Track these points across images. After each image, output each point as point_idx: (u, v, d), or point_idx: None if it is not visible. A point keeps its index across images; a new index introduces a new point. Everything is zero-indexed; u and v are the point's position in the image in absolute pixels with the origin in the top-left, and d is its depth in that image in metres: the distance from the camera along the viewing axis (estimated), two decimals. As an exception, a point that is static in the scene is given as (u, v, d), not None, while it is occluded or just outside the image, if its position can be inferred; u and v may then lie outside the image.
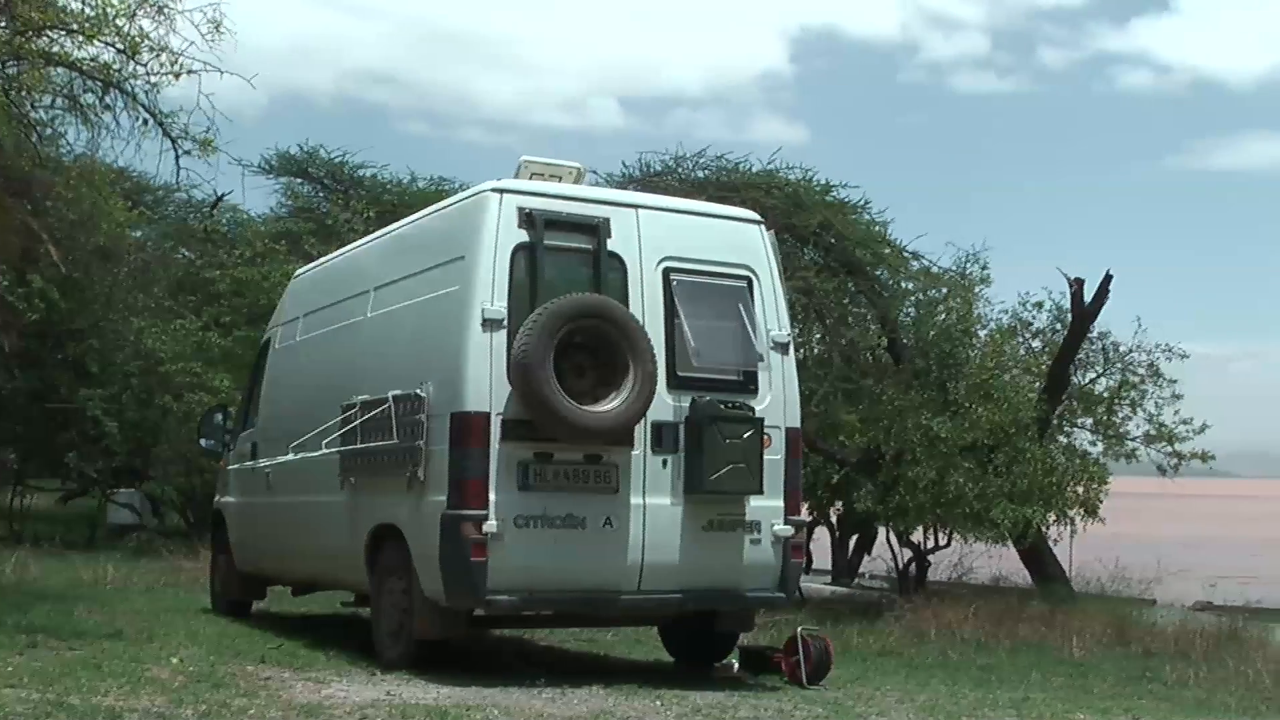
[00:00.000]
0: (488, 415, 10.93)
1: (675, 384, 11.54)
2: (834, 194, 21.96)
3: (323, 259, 16.43)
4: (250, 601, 16.12)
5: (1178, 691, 13.76)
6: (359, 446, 12.23)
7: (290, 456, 13.57)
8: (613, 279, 11.48)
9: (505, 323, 11.00)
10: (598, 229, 11.48)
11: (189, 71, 15.87)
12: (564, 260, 11.40)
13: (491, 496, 10.87)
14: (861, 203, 22.13)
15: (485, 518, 10.81)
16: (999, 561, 23.54)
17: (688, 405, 11.53)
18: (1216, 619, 20.19)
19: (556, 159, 12.34)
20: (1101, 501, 21.68)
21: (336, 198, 29.88)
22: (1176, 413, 23.89)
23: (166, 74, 15.95)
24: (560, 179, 12.12)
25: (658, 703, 10.32)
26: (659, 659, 13.35)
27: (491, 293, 11.04)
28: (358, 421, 12.20)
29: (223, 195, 27.63)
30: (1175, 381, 24.02)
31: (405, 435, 11.50)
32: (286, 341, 15.42)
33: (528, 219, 11.23)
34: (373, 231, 15.82)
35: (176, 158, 16.94)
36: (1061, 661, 15.54)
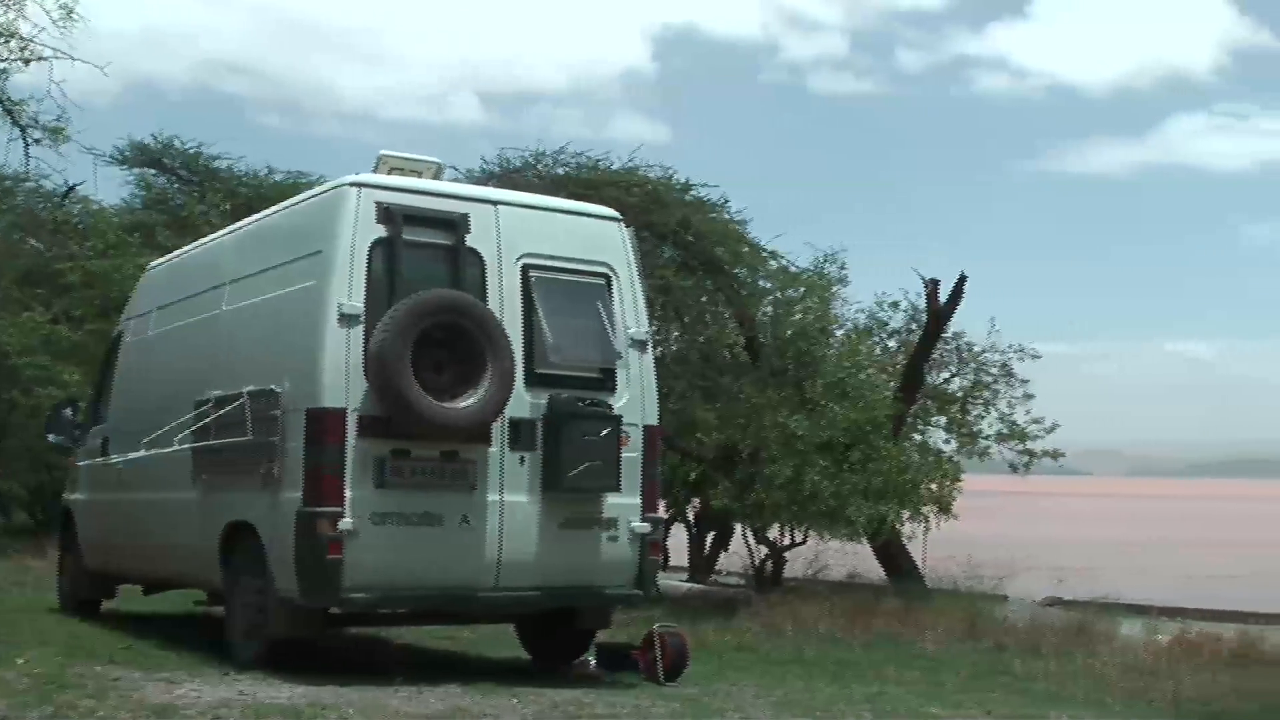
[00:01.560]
0: (344, 411, 10.83)
1: (533, 381, 11.52)
2: (694, 192, 22.02)
3: (177, 252, 16.19)
4: (100, 601, 15.84)
5: (1028, 684, 13.96)
6: (213, 443, 12.07)
7: (142, 452, 13.35)
8: (471, 275, 11.43)
9: (362, 318, 10.91)
10: (456, 225, 11.42)
11: (39, 58, 15.61)
12: (422, 256, 11.33)
13: (347, 493, 10.77)
14: (721, 201, 22.23)
15: (341, 515, 10.71)
16: (854, 558, 23.76)
17: (546, 402, 11.52)
18: (1065, 614, 20.52)
19: (416, 154, 12.28)
20: (955, 499, 21.97)
21: (191, 190, 29.42)
22: (1028, 412, 24.40)
23: (15, 60, 15.65)
24: (419, 174, 12.04)
25: (514, 700, 10.29)
26: (516, 657, 13.31)
27: (349, 288, 10.95)
28: (211, 417, 12.05)
29: (74, 185, 27.18)
30: (1027, 381, 24.54)
31: (260, 431, 11.37)
32: (139, 335, 15.17)
33: (386, 214, 11.14)
34: (229, 225, 15.61)
35: (26, 146, 16.66)
36: (915, 656, 15.70)
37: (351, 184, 11.29)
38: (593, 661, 12.74)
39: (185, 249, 15.88)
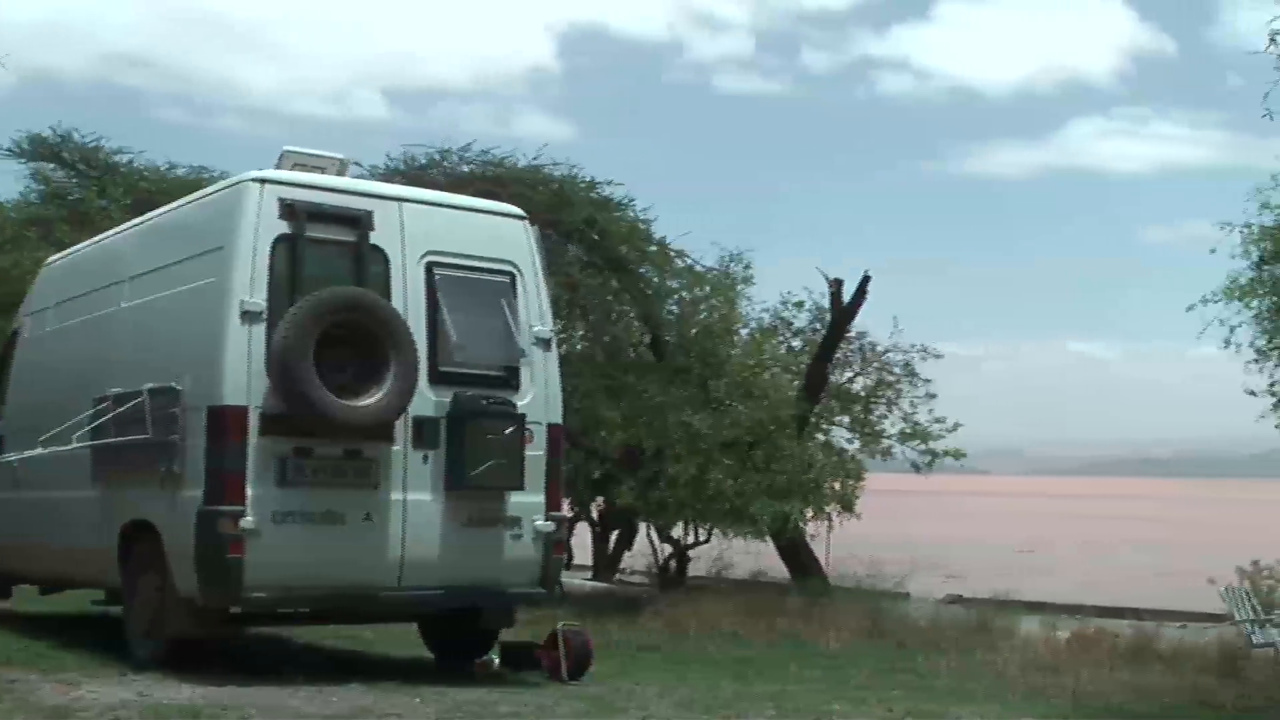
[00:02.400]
0: (246, 409, 10.74)
1: (437, 379, 11.48)
2: (599, 191, 21.98)
3: (76, 247, 15.94)
4: (-5, 601, 15.60)
5: (930, 681, 14.06)
6: (112, 441, 11.93)
7: (39, 450, 13.16)
8: (375, 272, 11.37)
9: (264, 315, 10.82)
10: (360, 222, 11.36)
11: (-68, 51, 15.28)
12: (325, 253, 11.26)
13: (249, 492, 10.68)
14: (627, 200, 22.20)
15: (242, 513, 10.62)
16: (758, 557, 23.86)
17: (449, 400, 11.48)
18: (966, 611, 20.72)
19: (319, 150, 12.19)
20: (858, 498, 22.11)
21: (91, 184, 28.98)
22: (930, 411, 24.56)
23: (-93, 53, 15.35)
24: (323, 170, 11.95)
25: (418, 700, 10.25)
26: (419, 656, 13.24)
27: (250, 285, 10.86)
28: (110, 415, 11.91)
29: (-31, 179, 26.61)
30: (930, 381, 24.71)
31: (160, 429, 11.25)
32: (37, 331, 14.96)
33: (289, 210, 11.06)
34: (129, 220, 15.41)
35: (-82, 138, 16.30)
36: (818, 654, 15.78)
37: (254, 179, 11.19)
38: (496, 660, 12.69)
39: (84, 244, 15.65)
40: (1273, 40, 14.55)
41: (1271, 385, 18.22)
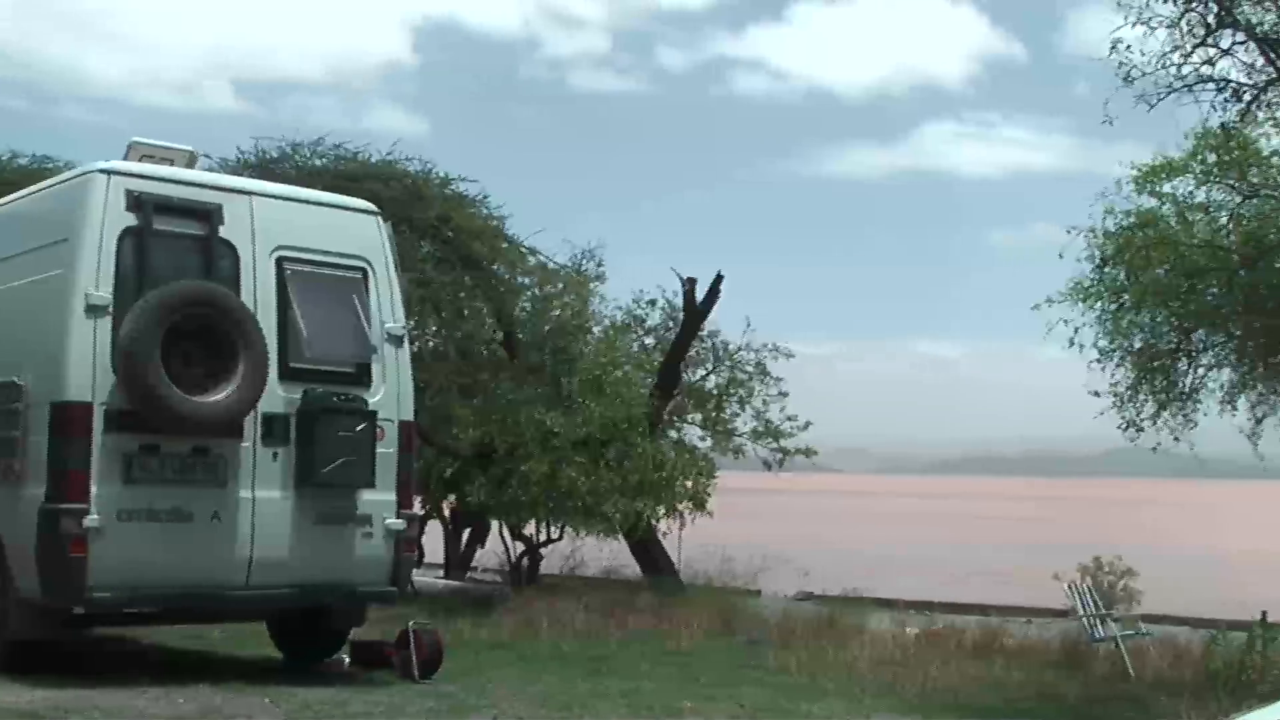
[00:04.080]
0: (90, 405, 10.56)
1: (287, 375, 11.36)
2: (453, 187, 21.86)
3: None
4: None
5: (781, 678, 14.17)
6: (-50, 437, 11.63)
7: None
8: (224, 267, 11.23)
9: (110, 310, 10.65)
10: (210, 215, 11.21)
11: None
12: (173, 246, 11.10)
13: (93, 489, 10.51)
14: (480, 197, 22.10)
15: (86, 511, 10.44)
16: (610, 554, 23.88)
17: (300, 397, 11.37)
18: (817, 608, 20.90)
19: (167, 141, 12.01)
20: (710, 495, 22.22)
21: (-71, 175, 28.37)
22: (782, 409, 24.80)
23: None
24: (172, 162, 11.79)
25: (267, 700, 10.16)
26: (268, 656, 13.08)
27: (96, 278, 10.67)
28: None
29: None
30: (781, 380, 24.94)
31: (1, 425, 11.02)
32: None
33: (136, 202, 10.89)
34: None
35: None
36: (671, 651, 15.82)
37: (100, 171, 11.01)
38: (347, 660, 12.59)
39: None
40: (1114, 48, 14.91)
41: (1113, 385, 18.63)
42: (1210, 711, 11.72)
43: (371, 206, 12.59)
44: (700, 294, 23.37)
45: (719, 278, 23.34)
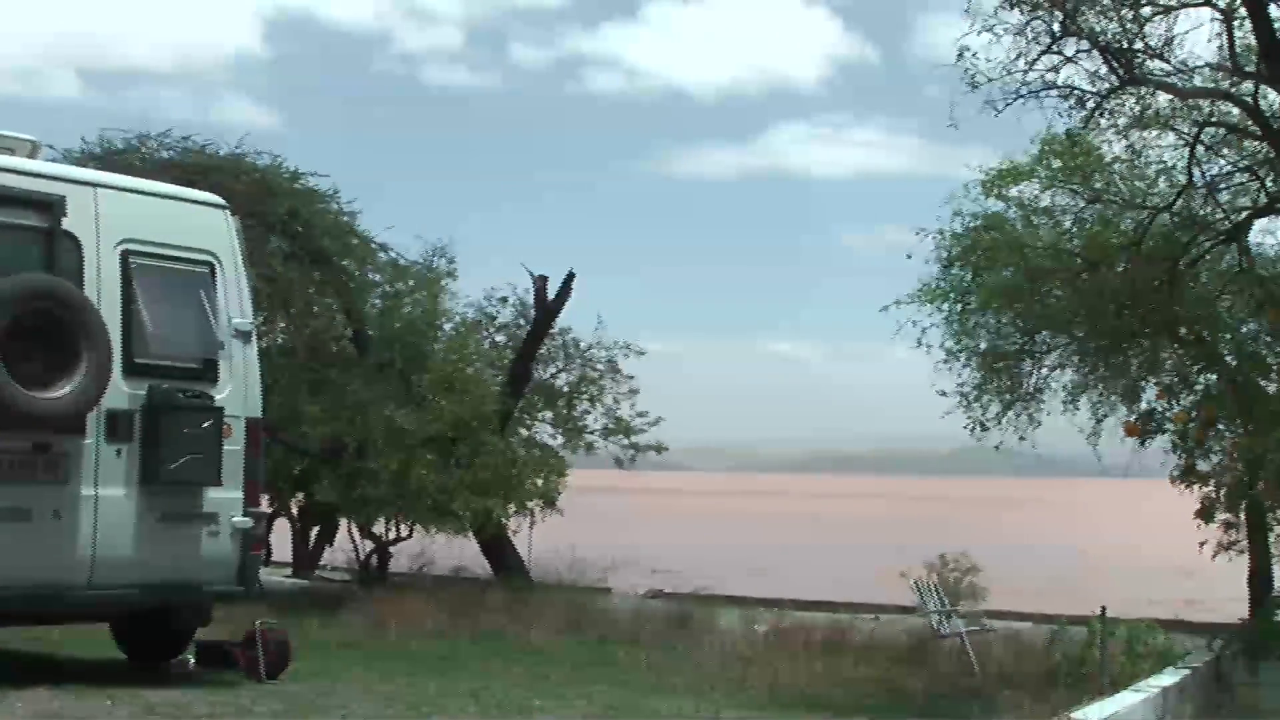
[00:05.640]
0: (-75, 401, 10.29)
1: (132, 371, 11.15)
2: (303, 182, 21.71)
3: None
4: None
5: (631, 675, 14.23)
6: None
7: None
8: (67, 260, 10.98)
9: (-52, 303, 10.38)
10: (52, 207, 10.96)
11: None
12: (14, 238, 10.84)
13: (-72, 487, 10.25)
14: (331, 192, 21.97)
15: (-81, 509, 10.18)
16: (460, 552, 23.85)
17: (145, 393, 11.17)
18: (667, 606, 21.01)
19: (8, 130, 11.75)
20: (560, 493, 22.27)
21: None
22: (633, 406, 24.91)
23: None
24: (12, 152, 11.52)
25: (109, 703, 9.99)
26: (111, 657, 12.87)
27: (-67, 271, 10.40)
28: None
29: None
30: (632, 377, 25.03)
31: None
32: None
33: (-26, 194, 10.63)
34: None
35: None
36: (521, 650, 15.84)
37: (-63, 160, 10.73)
38: (192, 660, 12.42)
39: None
40: (961, 55, 15.17)
41: (959, 385, 18.95)
42: (1051, 704, 11.94)
43: (220, 200, 12.42)
44: (552, 292, 23.47)
45: (571, 275, 23.51)
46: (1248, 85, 15.52)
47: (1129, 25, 15.25)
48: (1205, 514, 14.92)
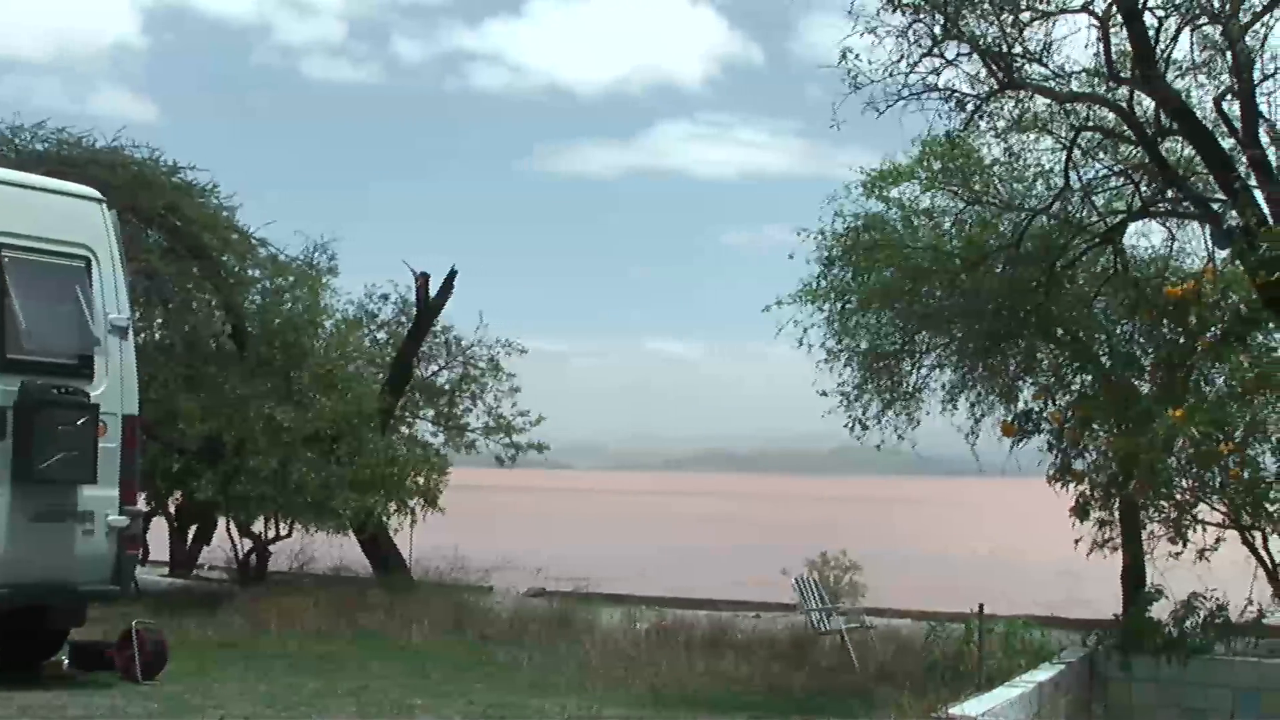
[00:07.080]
0: None
1: (4, 367, 11.02)
2: (181, 175, 21.42)
3: None
4: None
5: (512, 674, 14.22)
6: None
7: None
8: (-63, 254, 10.82)
9: None
10: (-79, 199, 10.79)
11: None
12: (-119, 232, 10.66)
13: None
14: (209, 186, 21.70)
15: None
16: (340, 551, 23.71)
17: (17, 389, 11.01)
18: (549, 604, 20.98)
19: (-127, 122, 11.53)
20: (442, 491, 22.22)
21: None
22: (514, 405, 24.92)
23: None
24: (-121, 144, 11.32)
25: (-21, 705, 9.81)
26: (-19, 658, 12.66)
27: None
28: None
29: None
30: (514, 375, 25.05)
31: None
32: None
33: None
34: None
35: None
36: (401, 649, 15.77)
37: None
38: (66, 661, 12.27)
39: None
40: (843, 56, 15.27)
41: (840, 384, 19.07)
42: (929, 700, 12.04)
43: (96, 193, 12.27)
44: (434, 289, 23.41)
45: (452, 273, 23.51)
46: (1123, 90, 15.72)
47: (1009, 30, 15.39)
48: (1080, 512, 15.09)
